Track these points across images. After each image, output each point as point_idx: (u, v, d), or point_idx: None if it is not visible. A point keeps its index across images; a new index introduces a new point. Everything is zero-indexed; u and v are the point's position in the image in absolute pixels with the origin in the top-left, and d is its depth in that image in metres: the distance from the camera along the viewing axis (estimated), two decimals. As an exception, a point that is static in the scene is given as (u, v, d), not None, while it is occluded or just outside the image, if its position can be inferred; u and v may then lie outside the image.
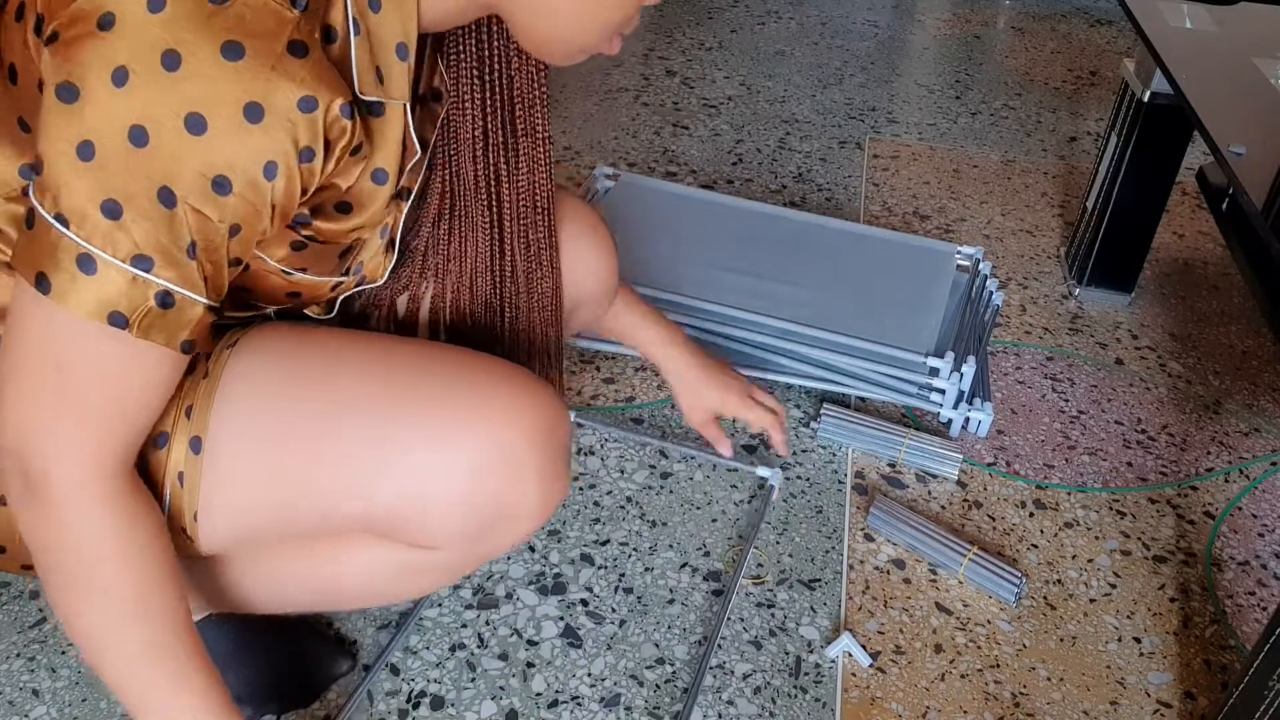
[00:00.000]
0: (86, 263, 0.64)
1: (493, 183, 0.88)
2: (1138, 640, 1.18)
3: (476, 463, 0.79)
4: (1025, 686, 1.11)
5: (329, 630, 1.09)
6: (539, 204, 0.92)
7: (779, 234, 1.70)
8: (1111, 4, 3.37)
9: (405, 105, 0.75)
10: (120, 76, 0.61)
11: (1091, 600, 1.22)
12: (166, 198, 0.63)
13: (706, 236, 1.67)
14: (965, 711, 1.08)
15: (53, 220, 0.63)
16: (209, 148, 0.63)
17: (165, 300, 0.66)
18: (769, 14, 3.10)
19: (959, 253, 1.69)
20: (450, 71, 0.82)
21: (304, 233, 0.76)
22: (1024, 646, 1.15)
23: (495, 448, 0.79)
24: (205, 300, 0.68)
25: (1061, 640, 1.17)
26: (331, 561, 0.87)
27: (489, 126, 0.85)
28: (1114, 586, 1.24)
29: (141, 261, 0.64)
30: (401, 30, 0.71)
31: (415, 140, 0.78)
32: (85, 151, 0.62)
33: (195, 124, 0.62)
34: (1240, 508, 1.38)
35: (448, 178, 0.88)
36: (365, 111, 0.72)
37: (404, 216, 0.85)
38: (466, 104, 0.84)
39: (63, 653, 1.05)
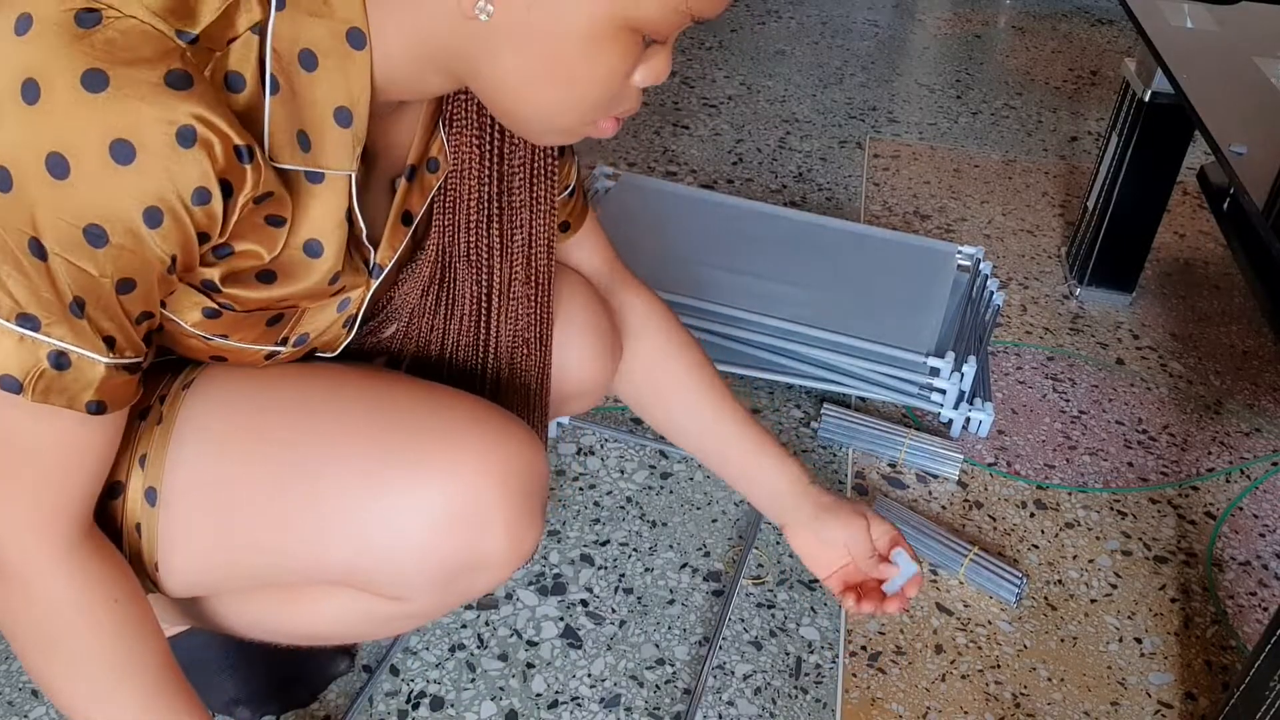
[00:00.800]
0: None
1: (484, 259, 0.83)
2: (1139, 641, 1.18)
3: (442, 515, 0.74)
4: (1026, 687, 1.11)
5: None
6: (534, 281, 0.86)
7: (779, 234, 1.70)
8: (1112, 3, 3.37)
9: (351, 177, 0.67)
10: None
11: (1092, 600, 1.22)
12: (37, 249, 0.57)
13: (706, 236, 1.67)
14: (966, 712, 1.07)
15: None
16: (74, 194, 0.55)
17: (59, 361, 0.59)
18: (769, 14, 3.10)
19: (959, 252, 1.69)
20: (451, 140, 0.78)
21: (217, 299, 0.69)
22: (1025, 647, 1.15)
23: (462, 497, 0.74)
24: (107, 360, 0.61)
25: (1062, 641, 1.17)
26: (299, 607, 0.85)
27: (485, 197, 0.80)
28: (1115, 587, 1.24)
29: (27, 320, 0.58)
30: (345, 93, 0.64)
31: (360, 218, 0.71)
32: None
33: (57, 166, 0.55)
34: (1241, 508, 1.38)
35: (439, 248, 0.83)
36: (286, 177, 0.64)
37: (371, 294, 0.79)
38: (465, 174, 0.79)
39: (62, 653, 1.05)
